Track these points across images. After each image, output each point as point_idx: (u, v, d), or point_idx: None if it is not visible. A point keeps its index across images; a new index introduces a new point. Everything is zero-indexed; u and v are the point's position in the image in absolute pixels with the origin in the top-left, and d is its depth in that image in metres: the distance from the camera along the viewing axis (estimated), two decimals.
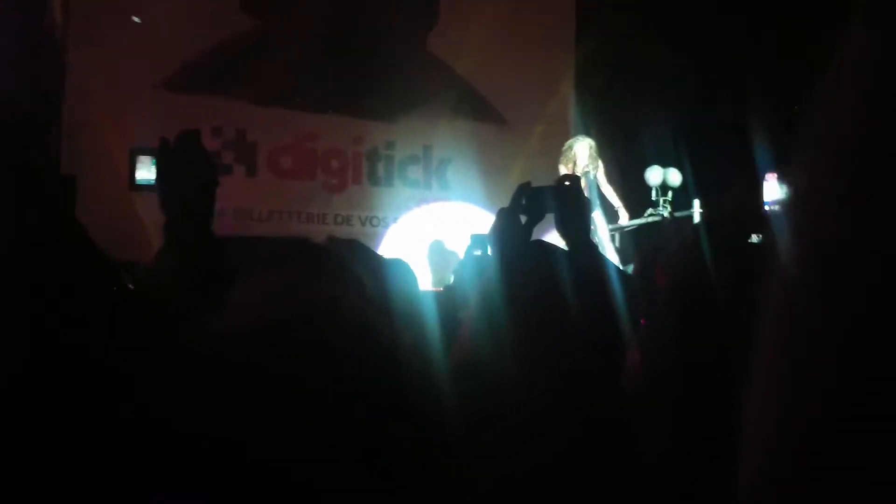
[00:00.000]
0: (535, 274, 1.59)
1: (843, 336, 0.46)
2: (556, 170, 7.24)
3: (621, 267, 4.75)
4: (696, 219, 6.90)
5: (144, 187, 2.40)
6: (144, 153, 2.39)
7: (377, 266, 2.64)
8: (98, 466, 0.94)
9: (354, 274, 1.95)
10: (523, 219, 2.03)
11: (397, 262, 2.76)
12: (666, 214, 7.09)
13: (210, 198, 1.88)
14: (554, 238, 2.00)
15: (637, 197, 7.81)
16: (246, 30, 8.55)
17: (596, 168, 7.16)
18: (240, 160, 8.62)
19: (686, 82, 7.84)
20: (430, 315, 2.49)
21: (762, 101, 6.63)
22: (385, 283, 2.59)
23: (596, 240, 6.86)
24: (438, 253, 8.46)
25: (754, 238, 3.27)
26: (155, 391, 0.96)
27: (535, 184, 2.19)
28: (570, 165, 7.22)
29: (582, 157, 7.18)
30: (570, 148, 7.29)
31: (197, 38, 8.24)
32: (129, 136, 6.72)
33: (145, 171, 2.39)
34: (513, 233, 1.86)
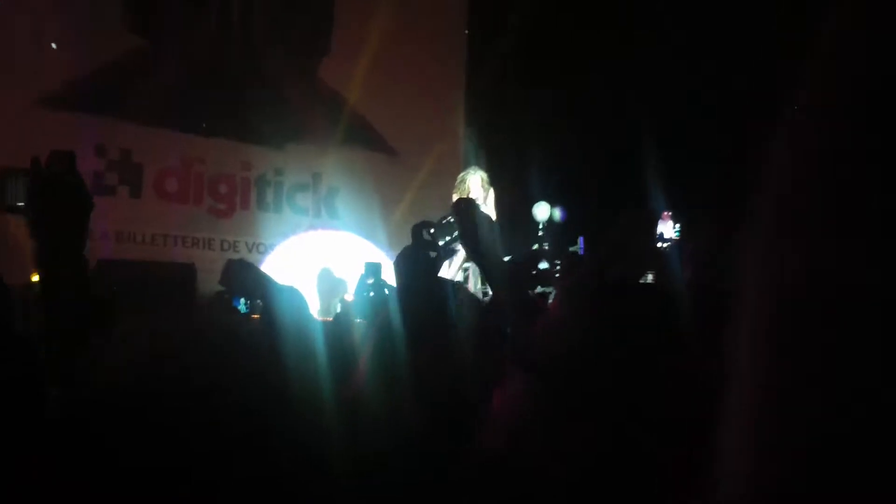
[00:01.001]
0: (443, 309, 1.62)
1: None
2: (446, 202, 7.37)
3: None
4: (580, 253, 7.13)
5: (17, 210, 2.16)
6: (16, 174, 2.19)
7: (270, 291, 2.63)
8: None
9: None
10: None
11: (290, 289, 2.74)
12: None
13: (83, 224, 1.76)
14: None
15: (524, 232, 7.99)
16: (133, 49, 8.35)
17: (486, 198, 7.33)
18: (124, 181, 8.39)
19: (576, 119, 8.06)
20: (321, 343, 2.49)
21: (651, 141, 6.91)
22: (277, 309, 2.59)
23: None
24: (326, 281, 8.42)
25: (649, 276, 3.40)
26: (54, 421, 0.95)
27: (425, 217, 2.20)
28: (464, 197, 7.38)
29: (475, 188, 7.34)
30: (463, 180, 7.45)
31: (81, 56, 7.98)
32: (4, 156, 6.47)
33: (15, 194, 2.20)
34: (419, 270, 1.87)
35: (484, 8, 9.65)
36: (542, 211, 7.76)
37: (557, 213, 7.80)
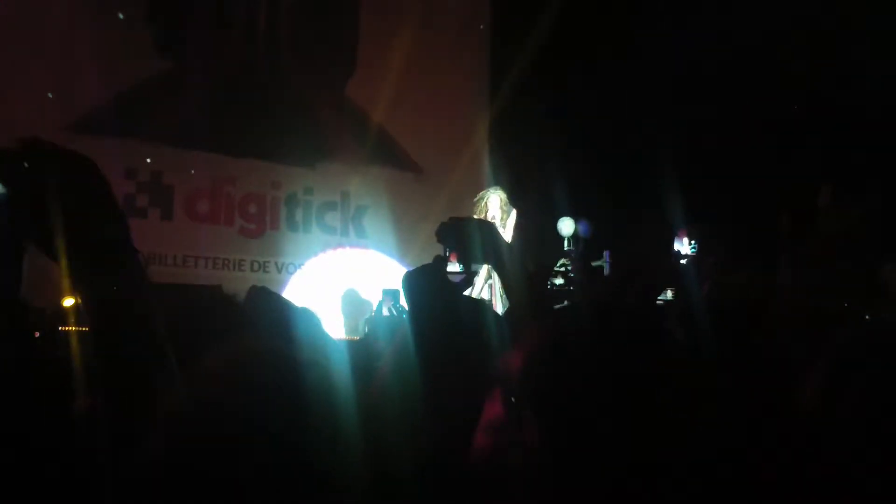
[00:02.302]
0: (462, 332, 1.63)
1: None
2: None
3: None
4: (606, 269, 7.12)
5: None
6: None
7: (287, 314, 2.69)
8: None
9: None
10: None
11: (305, 311, 2.79)
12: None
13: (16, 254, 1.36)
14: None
15: (550, 246, 7.99)
16: (161, 71, 8.44)
17: (506, 218, 7.36)
18: (155, 203, 8.48)
19: (600, 135, 8.06)
20: (340, 363, 2.53)
21: (674, 157, 6.91)
22: (293, 331, 2.64)
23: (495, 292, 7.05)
24: (351, 302, 8.42)
25: (668, 292, 3.40)
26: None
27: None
28: (483, 216, 7.41)
29: (493, 207, 7.38)
30: (482, 199, 7.50)
31: (109, 80, 8.06)
32: None
33: None
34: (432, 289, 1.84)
35: (508, 24, 9.67)
36: (566, 226, 7.76)
37: (582, 228, 7.79)
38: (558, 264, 7.18)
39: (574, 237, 7.77)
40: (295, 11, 9.28)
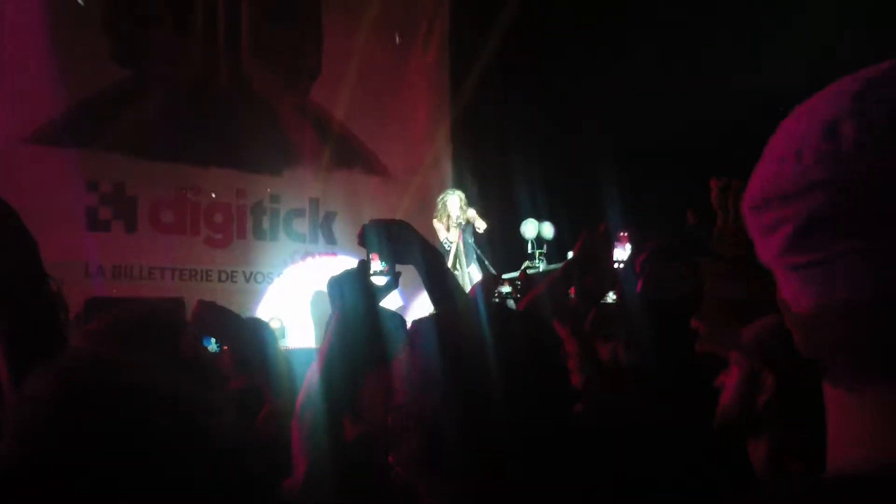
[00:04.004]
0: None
1: None
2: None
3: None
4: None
5: None
6: None
7: (236, 328, 2.69)
8: None
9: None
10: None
11: (254, 322, 2.79)
12: (542, 267, 7.28)
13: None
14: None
15: (512, 250, 8.01)
16: (118, 80, 8.34)
17: (465, 215, 7.43)
18: (118, 216, 8.39)
19: (560, 136, 8.09)
20: (288, 373, 2.53)
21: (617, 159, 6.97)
22: (243, 345, 2.64)
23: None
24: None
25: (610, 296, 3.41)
26: None
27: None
28: (445, 219, 7.49)
29: (454, 208, 7.45)
30: (443, 202, 7.57)
31: (66, 90, 7.95)
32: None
33: None
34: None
35: (466, 25, 9.67)
36: (529, 229, 7.78)
37: (547, 230, 7.81)
38: (522, 267, 7.20)
39: (537, 239, 7.79)
40: (255, 16, 9.23)
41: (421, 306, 5.53)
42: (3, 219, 1.43)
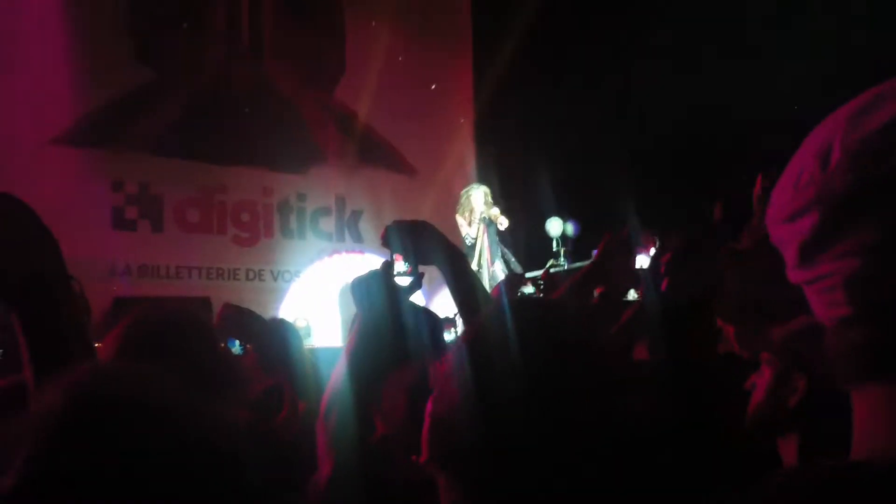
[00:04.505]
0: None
1: None
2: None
3: None
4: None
5: None
6: None
7: (259, 329, 2.71)
8: None
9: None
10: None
11: (277, 323, 2.80)
12: (566, 265, 7.26)
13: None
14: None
15: (538, 247, 7.98)
16: (141, 81, 8.36)
17: (490, 212, 7.40)
18: (144, 215, 8.39)
19: (585, 133, 8.05)
20: (313, 373, 2.55)
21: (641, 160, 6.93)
22: (266, 346, 2.65)
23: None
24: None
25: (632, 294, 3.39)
26: None
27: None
28: (467, 214, 7.48)
29: (478, 203, 7.43)
30: (466, 196, 7.55)
31: (91, 90, 8.00)
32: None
33: None
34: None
35: (489, 22, 9.64)
36: (555, 227, 7.75)
37: (571, 228, 7.78)
38: (547, 265, 7.18)
39: (562, 238, 7.76)
40: (277, 16, 9.25)
41: (443, 304, 5.53)
42: (22, 219, 1.42)
